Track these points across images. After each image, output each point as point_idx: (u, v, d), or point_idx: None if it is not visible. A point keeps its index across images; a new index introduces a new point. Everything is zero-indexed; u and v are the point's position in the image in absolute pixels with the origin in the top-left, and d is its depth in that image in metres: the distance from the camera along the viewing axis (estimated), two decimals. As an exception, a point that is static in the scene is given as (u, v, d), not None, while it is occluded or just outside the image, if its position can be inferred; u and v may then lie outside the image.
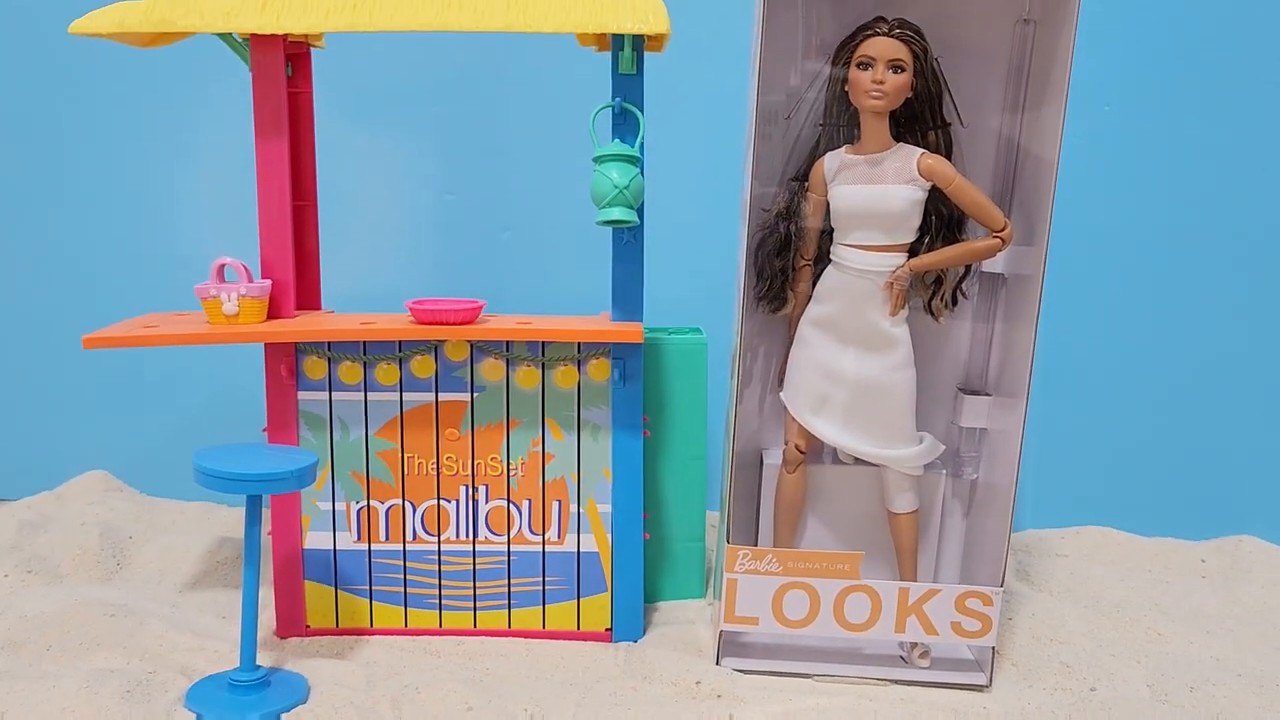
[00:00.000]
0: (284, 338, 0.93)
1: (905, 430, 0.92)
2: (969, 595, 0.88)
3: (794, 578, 0.90)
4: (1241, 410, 1.30)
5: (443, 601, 1.01)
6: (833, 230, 0.91)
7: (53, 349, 1.36)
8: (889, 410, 0.91)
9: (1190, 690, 0.91)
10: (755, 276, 0.94)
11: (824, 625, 0.90)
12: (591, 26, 0.88)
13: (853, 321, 0.90)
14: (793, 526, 0.96)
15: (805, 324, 0.93)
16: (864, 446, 0.92)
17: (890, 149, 0.88)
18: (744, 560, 0.91)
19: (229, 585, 1.11)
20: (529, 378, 0.97)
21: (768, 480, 0.98)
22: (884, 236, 0.88)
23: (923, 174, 0.87)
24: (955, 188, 0.87)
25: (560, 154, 1.27)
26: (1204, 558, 1.25)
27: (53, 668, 0.91)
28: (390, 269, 1.34)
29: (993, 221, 0.88)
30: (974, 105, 0.91)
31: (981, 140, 0.92)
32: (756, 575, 0.91)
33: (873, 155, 0.88)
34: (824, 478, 0.97)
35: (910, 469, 0.93)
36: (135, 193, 1.34)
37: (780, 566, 0.90)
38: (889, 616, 0.89)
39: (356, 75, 1.27)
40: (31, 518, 1.23)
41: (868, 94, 0.86)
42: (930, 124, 0.89)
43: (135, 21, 0.89)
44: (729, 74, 1.28)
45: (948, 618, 0.88)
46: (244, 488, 0.82)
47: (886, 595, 0.89)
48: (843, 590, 0.89)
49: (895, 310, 0.90)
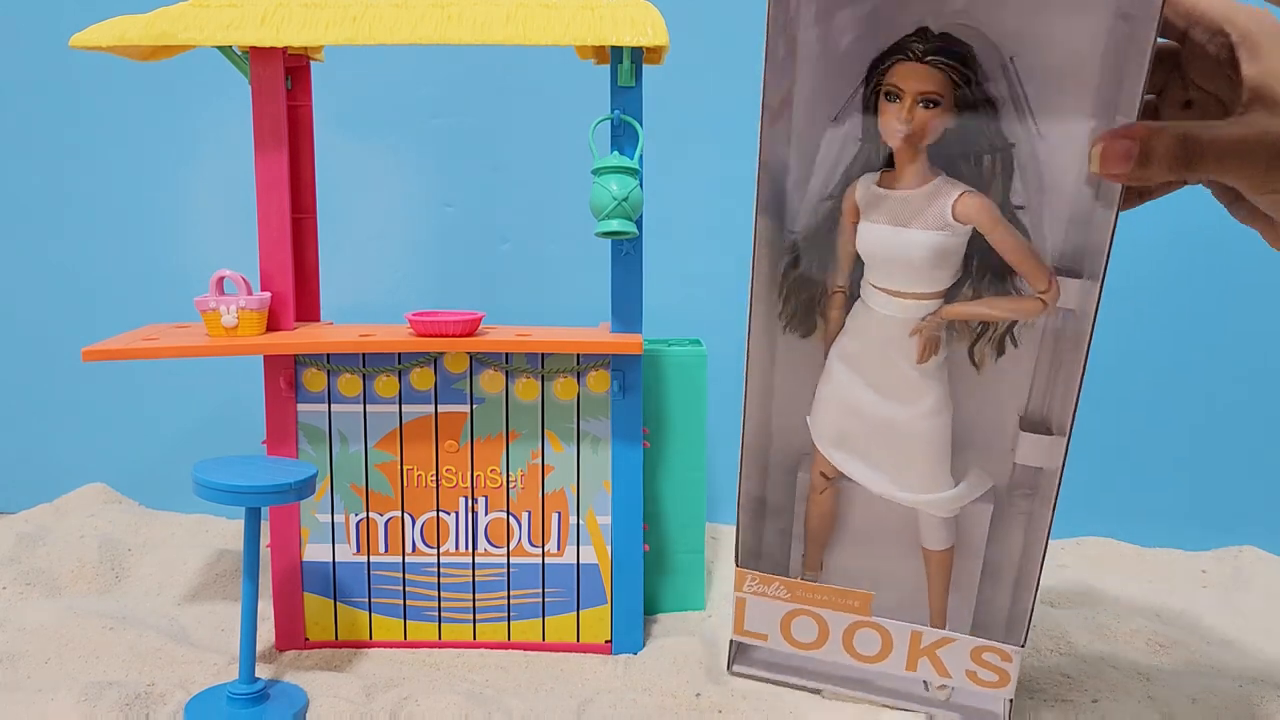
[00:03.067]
0: (283, 350, 0.93)
1: (935, 477, 0.84)
2: (986, 650, 0.82)
3: (802, 605, 0.87)
4: (1242, 421, 1.30)
5: (442, 614, 1.00)
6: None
7: (51, 361, 1.36)
8: (914, 458, 0.84)
9: (1192, 701, 0.90)
10: (780, 302, 0.86)
11: (833, 652, 0.87)
12: (591, 39, 0.88)
13: (877, 364, 0.82)
14: (822, 545, 0.92)
15: (834, 355, 0.85)
16: (889, 489, 0.85)
17: (925, 185, 0.77)
18: (751, 583, 0.89)
19: (228, 598, 1.11)
20: (528, 389, 0.97)
21: (798, 500, 0.93)
22: (910, 284, 0.79)
23: (959, 219, 0.76)
24: (995, 237, 0.76)
25: (559, 166, 1.27)
26: (1205, 568, 1.25)
27: (51, 680, 0.90)
28: (389, 281, 1.34)
29: (1035, 279, 0.76)
30: (1056, 112, 0.75)
31: (1062, 151, 0.76)
32: (764, 599, 0.89)
33: (905, 192, 0.77)
34: (857, 494, 0.90)
35: (943, 513, 0.86)
36: (134, 205, 1.34)
37: (788, 594, 0.87)
38: (900, 655, 0.85)
39: (356, 88, 1.27)
40: (30, 530, 1.23)
41: (893, 132, 0.76)
42: (985, 147, 0.76)
43: (135, 35, 0.90)
44: (728, 86, 1.29)
45: (963, 666, 0.83)
46: (243, 500, 0.82)
47: (898, 636, 0.84)
48: (852, 624, 0.86)
49: (923, 360, 0.81)
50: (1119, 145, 0.57)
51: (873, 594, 0.86)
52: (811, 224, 0.85)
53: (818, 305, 0.87)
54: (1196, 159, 0.56)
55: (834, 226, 0.84)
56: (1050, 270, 0.77)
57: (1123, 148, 0.57)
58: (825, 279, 0.86)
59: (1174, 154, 0.56)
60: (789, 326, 0.89)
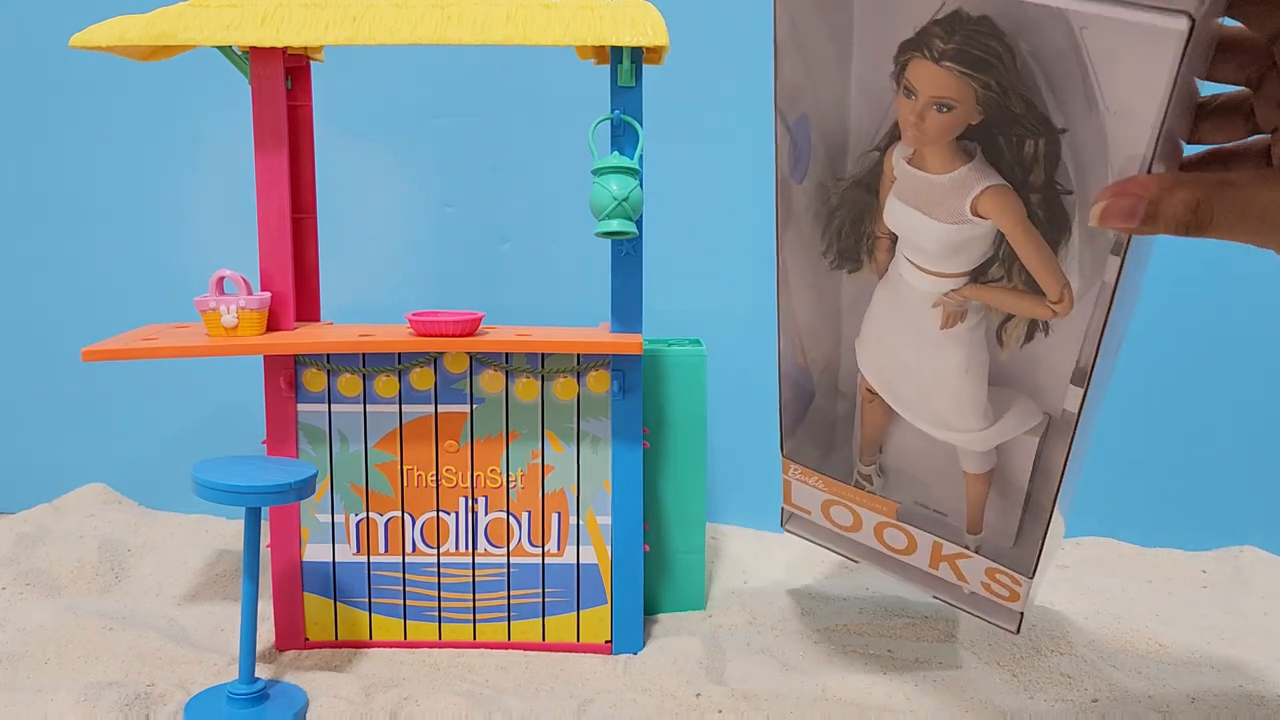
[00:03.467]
0: (283, 350, 0.93)
1: (967, 423, 0.80)
2: (998, 572, 0.83)
3: (838, 498, 0.87)
4: (1242, 421, 1.30)
5: (442, 614, 1.00)
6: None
7: (51, 361, 1.36)
8: (945, 408, 0.80)
9: (1191, 701, 0.90)
10: (824, 242, 0.82)
11: (866, 537, 0.87)
12: (591, 39, 0.88)
13: (908, 320, 0.78)
14: (876, 443, 0.89)
15: (877, 294, 0.80)
16: (923, 426, 0.82)
17: (950, 173, 0.71)
18: (795, 472, 0.89)
19: (228, 598, 1.11)
20: (528, 389, 0.97)
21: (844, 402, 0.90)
22: (932, 264, 0.75)
23: (979, 215, 0.71)
24: (1014, 239, 0.70)
25: (559, 166, 1.27)
26: (1205, 568, 1.25)
27: (50, 680, 0.90)
28: (389, 281, 1.34)
29: (1047, 286, 0.71)
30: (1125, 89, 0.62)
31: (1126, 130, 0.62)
32: (805, 486, 0.89)
33: (929, 176, 0.72)
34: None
35: (979, 449, 0.81)
36: (134, 205, 1.34)
37: (825, 488, 0.87)
38: (924, 555, 0.85)
39: (356, 88, 1.27)
40: (29, 530, 1.23)
41: (906, 127, 0.70)
42: (1028, 130, 0.68)
43: (135, 35, 0.90)
44: (729, 85, 1.29)
45: (979, 578, 0.84)
46: (243, 500, 0.82)
47: (922, 542, 0.85)
48: (881, 523, 0.86)
49: (947, 327, 0.77)
50: (1124, 202, 0.53)
51: (899, 504, 0.85)
52: (859, 171, 0.80)
53: (864, 246, 0.83)
54: (1207, 225, 0.52)
55: (878, 177, 0.79)
56: (1065, 282, 0.73)
57: (1128, 205, 0.53)
58: (872, 225, 0.81)
59: (1182, 220, 0.52)
60: (835, 264, 0.85)
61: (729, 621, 1.08)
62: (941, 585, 0.88)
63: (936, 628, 1.05)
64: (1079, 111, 0.66)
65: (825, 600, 1.12)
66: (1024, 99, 0.67)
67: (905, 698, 0.91)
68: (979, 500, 0.87)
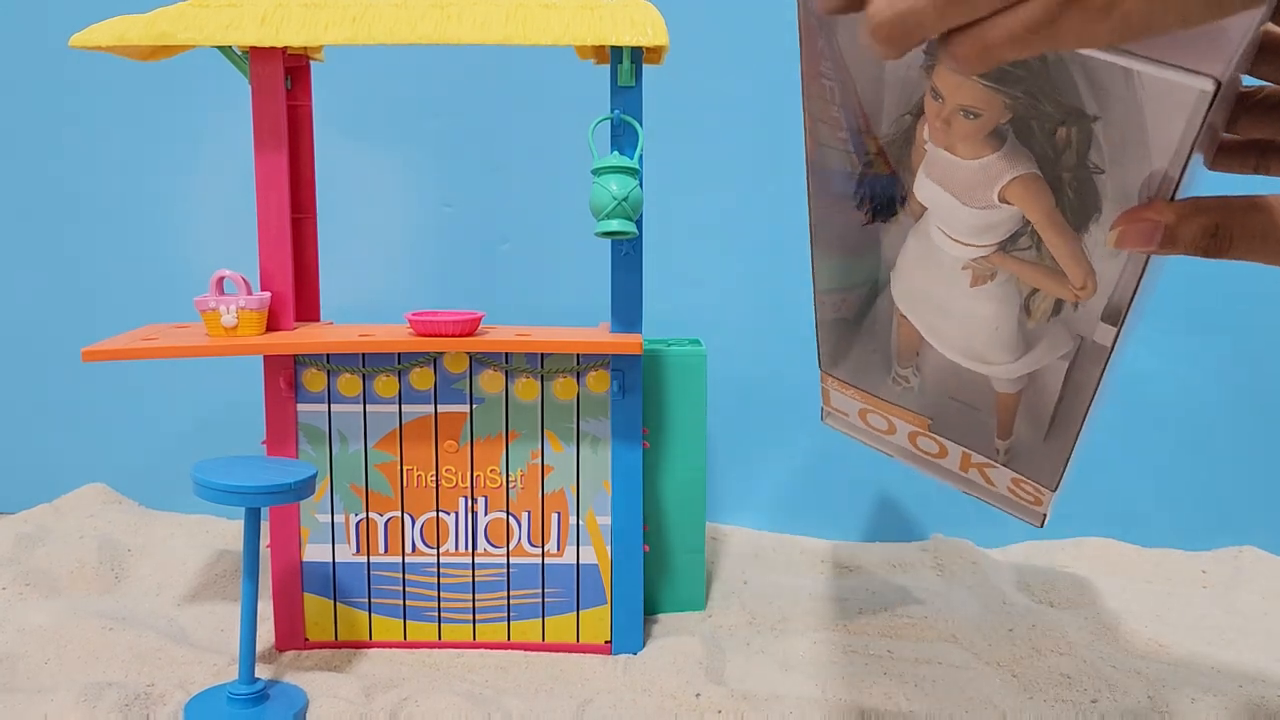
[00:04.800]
0: (283, 350, 0.93)
1: (999, 354, 0.79)
2: (1023, 482, 0.83)
3: (873, 407, 0.88)
4: (1241, 421, 1.30)
5: (442, 614, 1.00)
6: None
7: (50, 361, 1.36)
8: (975, 344, 0.79)
9: (1191, 701, 0.90)
10: (858, 200, 0.79)
11: (900, 440, 0.88)
12: (590, 39, 0.88)
13: (935, 271, 0.77)
14: (913, 352, 0.90)
15: (910, 238, 0.78)
16: (953, 356, 0.81)
17: (978, 159, 0.69)
18: (832, 383, 0.89)
19: (227, 598, 1.11)
20: (528, 389, 0.97)
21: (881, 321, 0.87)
22: (961, 236, 0.74)
23: (1006, 202, 0.69)
24: (1040, 226, 0.69)
25: (559, 166, 1.27)
26: (1205, 568, 1.25)
27: (50, 681, 0.90)
28: (389, 280, 1.34)
29: (1071, 274, 0.70)
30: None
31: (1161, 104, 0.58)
32: (842, 395, 0.89)
33: (957, 159, 0.70)
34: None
35: (1009, 378, 0.81)
36: (134, 205, 1.34)
37: (861, 398, 0.88)
38: (954, 459, 0.85)
39: (356, 88, 1.27)
40: (29, 530, 1.23)
41: (933, 130, 0.69)
42: (1060, 118, 0.66)
43: (135, 35, 0.90)
44: (729, 85, 1.29)
45: (1005, 484, 0.84)
46: (243, 500, 0.82)
47: (952, 450, 0.85)
48: (914, 431, 0.87)
49: (976, 285, 0.76)
50: (1140, 227, 0.53)
51: (931, 419, 0.85)
52: (892, 134, 0.80)
53: (899, 201, 0.83)
54: (1227, 249, 0.52)
55: (911, 140, 0.79)
56: (1090, 269, 0.73)
57: (1145, 230, 0.53)
58: (906, 183, 0.81)
59: (1201, 244, 0.52)
60: (870, 219, 0.84)
61: (729, 621, 1.08)
62: (971, 485, 0.90)
63: (936, 628, 1.05)
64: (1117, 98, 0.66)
65: (825, 600, 1.12)
66: (1056, 100, 0.65)
67: (905, 698, 0.91)
68: (1010, 411, 0.86)
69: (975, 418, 0.89)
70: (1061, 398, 0.84)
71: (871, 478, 1.33)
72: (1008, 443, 0.86)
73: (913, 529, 1.33)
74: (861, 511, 1.34)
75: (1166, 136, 0.58)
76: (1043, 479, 0.83)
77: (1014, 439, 0.87)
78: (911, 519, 1.34)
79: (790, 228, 1.31)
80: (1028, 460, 0.89)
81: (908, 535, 1.33)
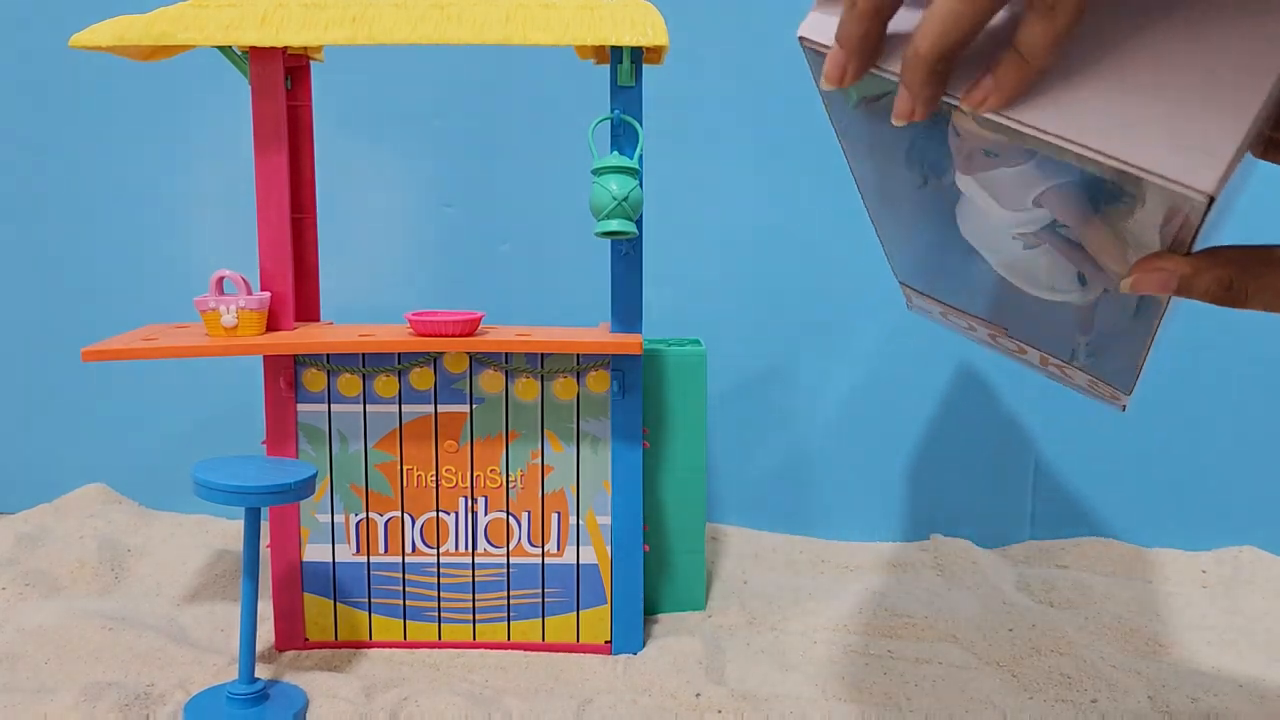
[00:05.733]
0: (283, 350, 0.93)
1: (1065, 286, 0.76)
2: (1099, 384, 0.82)
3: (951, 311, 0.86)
4: (1242, 421, 1.30)
5: (442, 614, 1.00)
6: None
7: (51, 361, 1.36)
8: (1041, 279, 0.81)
9: (1192, 701, 0.90)
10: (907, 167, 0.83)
11: (981, 337, 0.86)
12: (590, 39, 0.88)
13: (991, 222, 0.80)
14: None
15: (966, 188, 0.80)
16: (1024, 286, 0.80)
17: (1013, 168, 0.67)
18: (909, 291, 0.86)
19: (227, 598, 1.11)
20: (528, 389, 0.97)
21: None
22: (1003, 222, 0.72)
23: (1042, 207, 0.67)
24: (1078, 230, 0.68)
25: (559, 166, 1.27)
26: (1205, 568, 1.25)
27: (50, 681, 0.90)
28: (389, 281, 1.34)
29: (1112, 272, 0.67)
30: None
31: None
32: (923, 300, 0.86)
33: (994, 165, 0.68)
34: None
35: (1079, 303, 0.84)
36: (134, 205, 1.34)
37: (938, 306, 0.85)
38: (1033, 358, 0.84)
39: (356, 88, 1.27)
40: (30, 530, 1.23)
41: (957, 158, 0.67)
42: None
43: (135, 35, 0.90)
44: (729, 85, 1.29)
45: (1083, 381, 0.83)
46: (243, 500, 0.82)
47: (1030, 351, 0.84)
48: (993, 332, 0.86)
49: (1029, 249, 0.79)
50: (1156, 277, 0.53)
51: (1007, 327, 0.83)
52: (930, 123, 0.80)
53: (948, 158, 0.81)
54: (1242, 301, 0.52)
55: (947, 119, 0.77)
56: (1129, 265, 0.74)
57: (1160, 279, 0.54)
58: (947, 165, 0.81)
59: (1215, 295, 0.52)
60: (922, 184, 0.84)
61: (729, 621, 1.08)
62: (1054, 377, 0.89)
63: (936, 628, 1.05)
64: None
65: (825, 600, 1.12)
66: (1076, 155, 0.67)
67: (905, 698, 0.91)
68: (1087, 317, 0.86)
69: (1049, 323, 0.88)
70: (1136, 307, 0.84)
71: (872, 477, 1.33)
72: (1085, 341, 0.85)
73: (913, 529, 1.33)
74: (861, 511, 1.34)
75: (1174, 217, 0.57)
76: (1118, 382, 0.82)
77: (1090, 340, 0.86)
78: (911, 519, 1.34)
79: (790, 227, 1.32)
80: (1103, 364, 0.88)
81: (908, 535, 1.33)
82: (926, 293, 0.88)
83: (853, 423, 1.33)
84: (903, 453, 1.34)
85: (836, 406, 1.33)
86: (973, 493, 1.32)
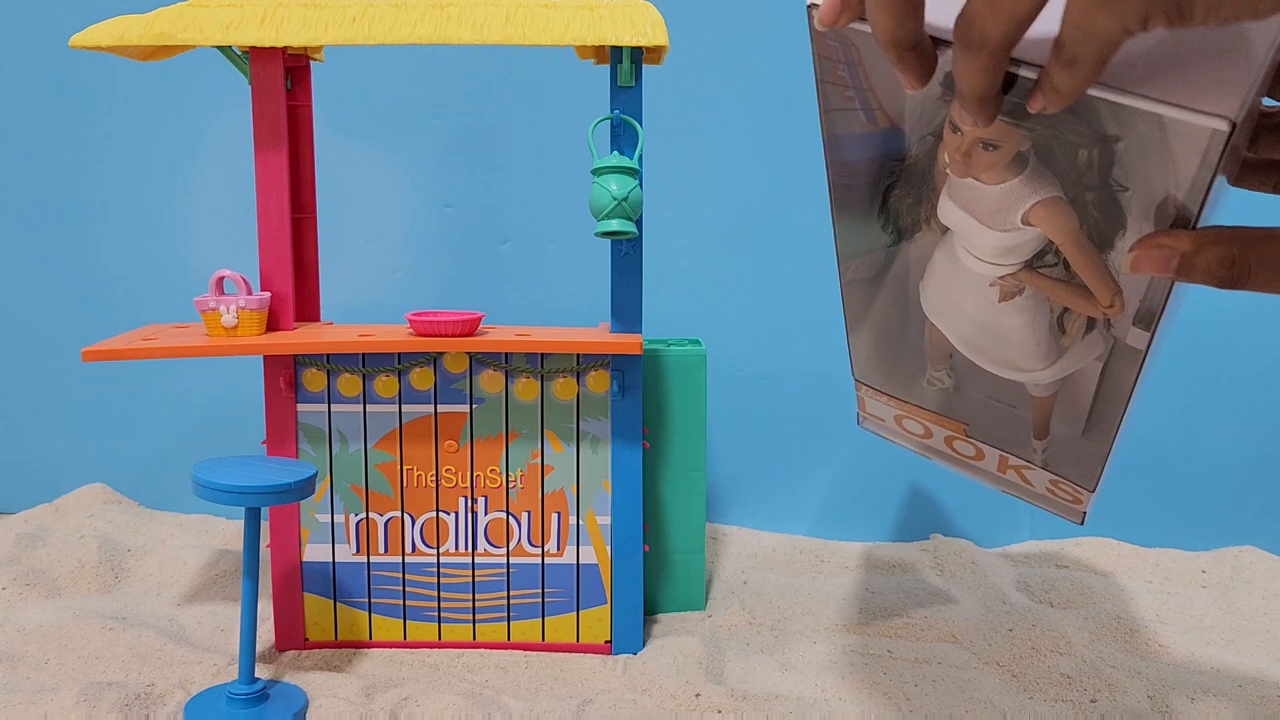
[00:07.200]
0: (283, 350, 0.93)
1: (1033, 362, 0.79)
2: (1060, 483, 0.84)
3: (909, 414, 0.88)
4: (1242, 421, 1.30)
5: (441, 614, 1.00)
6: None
7: (51, 361, 1.36)
8: (1008, 354, 0.79)
9: (1191, 701, 0.90)
10: (881, 218, 0.78)
11: (937, 444, 0.88)
12: (590, 39, 0.88)
13: (964, 285, 0.77)
14: (946, 355, 0.89)
15: (937, 252, 0.78)
16: (987, 366, 0.81)
17: (1001, 184, 0.68)
18: (866, 390, 0.89)
19: (227, 598, 1.11)
20: (528, 389, 0.97)
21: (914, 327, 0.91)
22: (985, 257, 0.74)
23: (1030, 225, 0.68)
24: (1065, 249, 0.69)
25: (559, 166, 1.27)
26: (1204, 568, 1.25)
27: (51, 681, 0.90)
28: (389, 281, 1.34)
29: (1099, 293, 0.69)
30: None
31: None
32: (877, 401, 0.89)
33: (979, 185, 0.69)
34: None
35: (1043, 383, 0.81)
36: (134, 205, 1.34)
37: (896, 405, 0.88)
38: (991, 462, 0.86)
39: (356, 88, 1.27)
40: (30, 530, 1.23)
41: (952, 161, 0.68)
42: (1082, 141, 0.65)
43: (135, 35, 0.90)
44: (729, 85, 1.29)
45: (1043, 485, 0.85)
46: (243, 500, 0.82)
47: (989, 454, 0.86)
48: (950, 436, 0.87)
49: (1004, 300, 0.75)
50: (1157, 254, 0.53)
51: (967, 425, 0.85)
52: (918, 153, 0.80)
53: (923, 218, 0.81)
54: (1244, 280, 0.52)
55: (933, 161, 0.77)
56: (1117, 289, 0.73)
57: (1161, 256, 0.53)
58: (929, 201, 0.80)
59: (1217, 274, 0.52)
60: (894, 241, 0.83)
61: (729, 621, 1.08)
62: (1010, 485, 0.90)
63: (936, 628, 1.05)
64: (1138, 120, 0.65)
65: (825, 600, 1.12)
66: (1077, 129, 0.67)
67: (905, 697, 0.91)
68: (1045, 413, 0.85)
69: (1011, 420, 0.89)
70: (1097, 399, 0.84)
71: (872, 478, 1.33)
72: (1044, 444, 0.86)
73: (913, 529, 1.33)
74: (862, 511, 1.34)
75: (1184, 171, 0.58)
76: (1081, 480, 0.83)
77: (1050, 440, 0.87)
78: (911, 519, 1.34)
79: (790, 227, 1.32)
80: (1065, 461, 0.88)
81: (908, 535, 1.33)
82: (881, 389, 0.89)
83: (853, 422, 1.33)
84: (903, 453, 1.34)
85: (836, 406, 1.33)
86: (973, 493, 1.32)
